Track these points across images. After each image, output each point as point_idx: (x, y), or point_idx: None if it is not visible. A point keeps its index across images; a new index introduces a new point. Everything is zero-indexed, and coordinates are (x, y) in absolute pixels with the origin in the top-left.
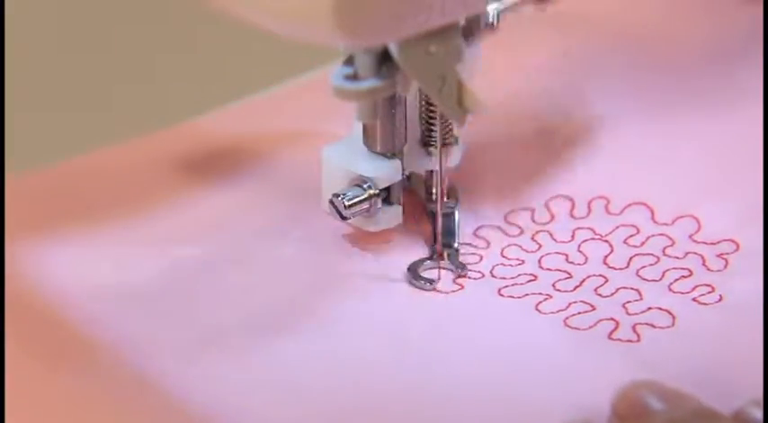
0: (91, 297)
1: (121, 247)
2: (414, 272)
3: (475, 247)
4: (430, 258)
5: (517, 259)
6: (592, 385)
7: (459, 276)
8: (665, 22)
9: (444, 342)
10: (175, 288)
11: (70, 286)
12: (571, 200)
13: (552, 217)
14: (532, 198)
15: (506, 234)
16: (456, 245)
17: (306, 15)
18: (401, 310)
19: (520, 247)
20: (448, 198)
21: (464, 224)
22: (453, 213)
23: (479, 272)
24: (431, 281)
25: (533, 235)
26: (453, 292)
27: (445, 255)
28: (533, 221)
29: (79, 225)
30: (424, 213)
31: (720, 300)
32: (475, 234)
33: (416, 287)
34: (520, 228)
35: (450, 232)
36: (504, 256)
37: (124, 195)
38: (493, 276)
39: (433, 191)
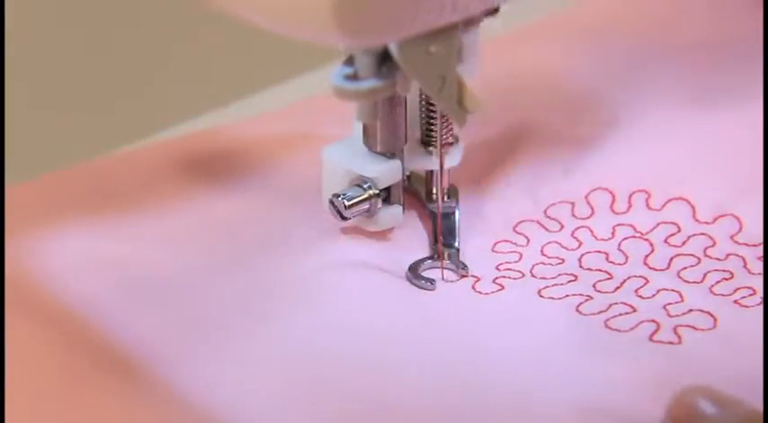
0: (93, 296)
1: (124, 247)
2: (414, 272)
3: (514, 244)
4: (430, 258)
5: (557, 258)
6: (635, 387)
7: (461, 276)
8: (700, 23)
9: (482, 343)
10: (177, 287)
11: (72, 285)
12: (611, 193)
13: (593, 211)
14: (572, 191)
15: (546, 229)
16: (456, 244)
17: (306, 15)
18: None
19: (560, 244)
20: (448, 198)
21: (500, 217)
22: (453, 213)
23: (519, 271)
24: (431, 281)
25: (573, 231)
26: (494, 292)
27: (446, 255)
28: (574, 216)
29: (82, 225)
30: (425, 213)
31: (761, 303)
32: (514, 230)
33: (418, 287)
34: (560, 223)
35: (450, 232)
36: (544, 255)
37: (126, 196)
38: (533, 276)
39: (433, 191)
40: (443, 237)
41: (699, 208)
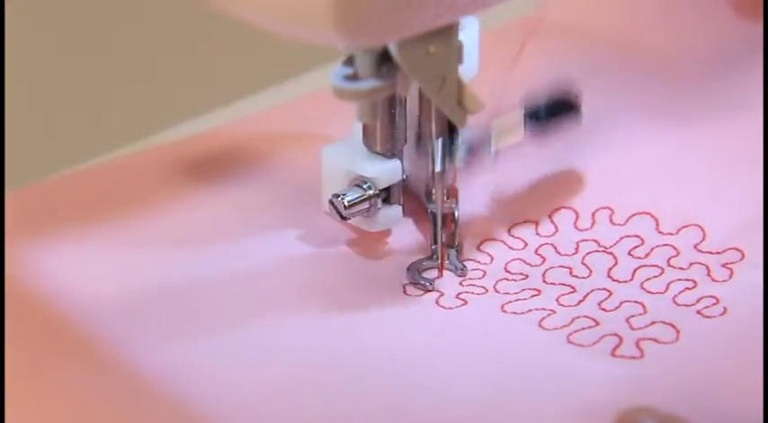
0: (91, 298)
1: (122, 249)
2: (414, 272)
3: (478, 262)
4: (430, 258)
5: (521, 274)
6: (594, 404)
7: (460, 276)
8: (664, 33)
9: (444, 357)
10: (175, 289)
11: (70, 288)
12: (575, 211)
13: (556, 229)
14: (536, 211)
15: (510, 248)
16: (457, 244)
17: (305, 15)
18: (400, 314)
19: (523, 261)
20: (448, 198)
21: (468, 238)
22: (453, 213)
23: (483, 287)
24: (431, 281)
25: (537, 248)
26: (456, 307)
27: (446, 255)
28: (537, 234)
29: (80, 226)
30: (425, 213)
31: (724, 312)
32: (478, 249)
33: (417, 287)
34: (524, 241)
35: (450, 232)
36: (507, 271)
37: (124, 197)
38: (496, 292)
39: (433, 191)
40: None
41: (662, 220)
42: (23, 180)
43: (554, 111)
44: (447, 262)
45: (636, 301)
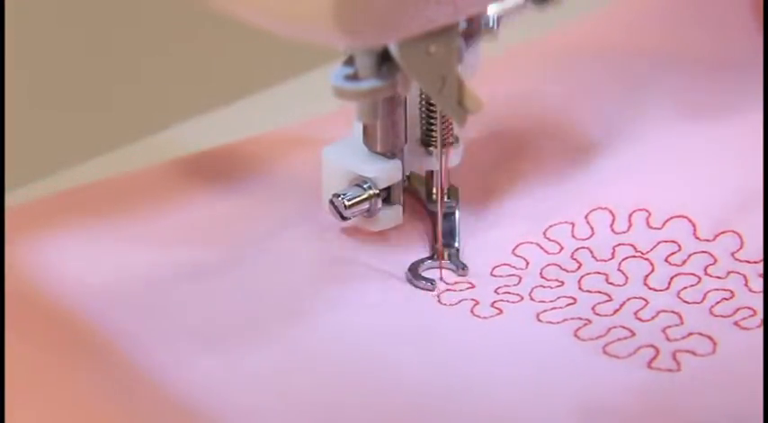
0: (91, 296)
1: (122, 247)
2: (414, 272)
3: (513, 267)
4: (430, 258)
5: (557, 280)
6: (630, 417)
7: (460, 276)
8: (711, 35)
9: (477, 369)
10: (175, 287)
11: (71, 285)
12: (611, 212)
13: (593, 232)
14: (572, 209)
15: (546, 251)
16: (457, 244)
17: (306, 15)
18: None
19: (559, 266)
20: (448, 198)
21: (499, 241)
22: (454, 213)
23: (518, 294)
24: (431, 281)
25: (573, 253)
26: (492, 316)
27: (446, 255)
28: (574, 237)
29: (81, 225)
30: (424, 213)
31: (761, 325)
32: (513, 252)
33: (418, 287)
34: (560, 245)
35: (450, 232)
36: (543, 278)
37: (125, 197)
38: (532, 299)
39: (433, 191)
40: (443, 237)
41: (699, 225)
42: (23, 180)
43: None
44: (448, 261)
45: (672, 311)
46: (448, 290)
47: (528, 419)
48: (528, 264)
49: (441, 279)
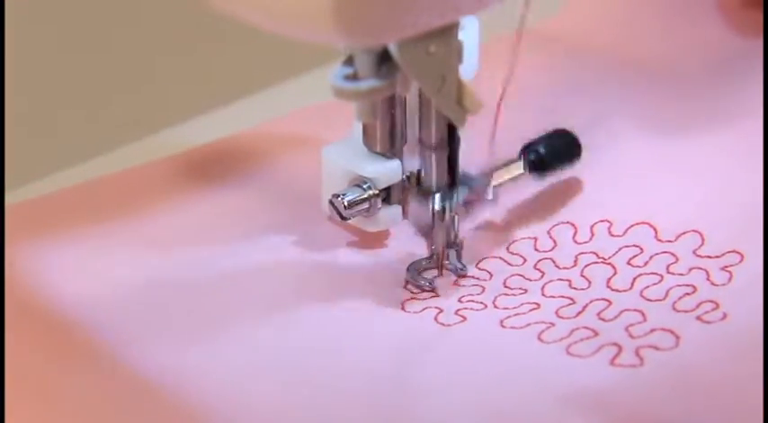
0: (91, 295)
1: (122, 249)
2: (414, 272)
3: (477, 278)
4: (430, 258)
5: (520, 288)
6: (595, 413)
7: (460, 276)
8: (663, 44)
9: (442, 373)
10: (176, 289)
11: (70, 285)
12: (574, 225)
13: (555, 244)
14: (535, 227)
15: (509, 264)
16: (456, 245)
17: (305, 15)
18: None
19: (522, 276)
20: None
21: (466, 258)
22: (453, 213)
23: (482, 302)
24: (431, 280)
25: (536, 263)
26: (455, 323)
27: (445, 255)
28: (536, 250)
29: (80, 226)
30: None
31: (724, 317)
32: (477, 267)
33: (416, 287)
34: (523, 257)
35: (449, 232)
36: (506, 287)
37: (125, 198)
38: (495, 307)
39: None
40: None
41: (661, 229)
42: (23, 180)
43: (555, 156)
44: (447, 262)
45: (635, 310)
46: (412, 298)
47: (494, 419)
48: (491, 275)
49: (439, 276)
